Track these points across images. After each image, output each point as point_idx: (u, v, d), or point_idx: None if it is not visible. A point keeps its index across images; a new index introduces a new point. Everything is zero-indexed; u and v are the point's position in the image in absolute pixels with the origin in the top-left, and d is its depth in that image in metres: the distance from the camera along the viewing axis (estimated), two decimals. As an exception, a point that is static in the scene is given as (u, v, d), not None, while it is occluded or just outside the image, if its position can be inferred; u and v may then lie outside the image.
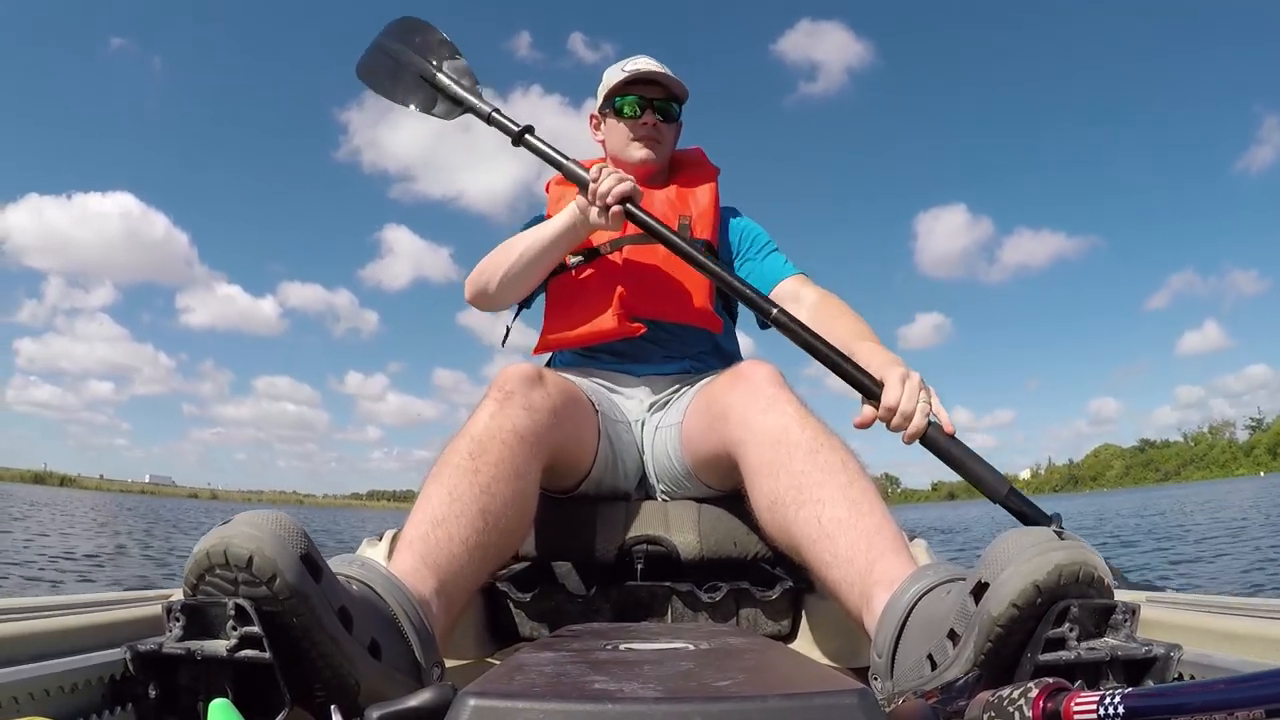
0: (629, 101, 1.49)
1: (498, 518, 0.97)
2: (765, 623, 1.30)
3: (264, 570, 0.63)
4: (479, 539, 0.94)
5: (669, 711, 0.46)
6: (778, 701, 0.47)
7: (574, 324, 1.42)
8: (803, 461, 0.96)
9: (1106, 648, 0.67)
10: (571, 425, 1.22)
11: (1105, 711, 0.49)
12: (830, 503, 0.92)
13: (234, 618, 0.65)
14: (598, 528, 1.30)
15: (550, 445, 1.12)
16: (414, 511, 0.95)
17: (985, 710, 0.57)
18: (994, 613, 0.66)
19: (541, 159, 1.44)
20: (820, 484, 0.94)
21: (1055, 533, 0.70)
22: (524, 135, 1.44)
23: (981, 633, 0.67)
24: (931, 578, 0.79)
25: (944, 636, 0.71)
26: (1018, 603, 0.66)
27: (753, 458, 1.03)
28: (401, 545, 0.91)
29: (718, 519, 1.30)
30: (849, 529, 0.89)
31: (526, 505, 1.05)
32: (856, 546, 0.87)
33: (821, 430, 1.00)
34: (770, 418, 1.03)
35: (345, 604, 0.70)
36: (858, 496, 0.92)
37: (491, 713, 0.46)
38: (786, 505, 0.96)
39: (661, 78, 1.48)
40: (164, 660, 0.68)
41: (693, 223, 1.46)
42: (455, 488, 0.96)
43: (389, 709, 0.54)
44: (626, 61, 1.52)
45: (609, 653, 0.66)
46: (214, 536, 0.66)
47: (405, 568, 0.87)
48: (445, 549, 0.90)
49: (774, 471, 0.99)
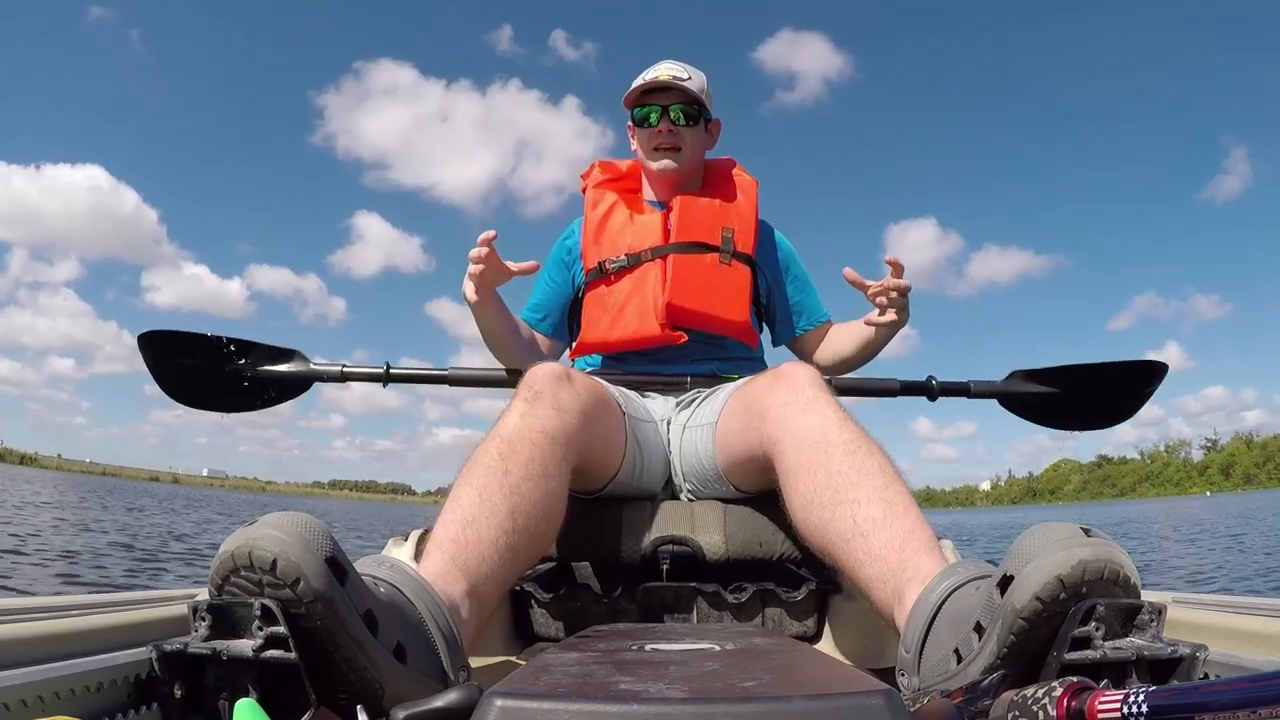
0: (644, 112, 1.50)
1: (527, 519, 0.97)
2: (790, 623, 1.30)
3: (288, 573, 0.64)
4: (509, 540, 0.94)
5: (695, 712, 0.46)
6: (804, 702, 0.47)
7: (614, 328, 1.44)
8: (840, 462, 0.96)
9: (1132, 647, 0.67)
10: (600, 426, 1.23)
11: (1129, 710, 0.48)
12: (866, 503, 0.92)
13: (260, 618, 0.66)
14: (623, 528, 1.30)
15: (579, 446, 1.12)
16: (444, 512, 0.95)
17: (1010, 709, 0.56)
18: (1017, 605, 0.66)
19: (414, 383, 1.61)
20: (856, 484, 0.94)
21: (1083, 529, 0.69)
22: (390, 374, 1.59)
23: (1005, 625, 0.67)
24: (962, 574, 0.79)
25: (970, 630, 0.71)
26: (1041, 596, 0.65)
27: (790, 457, 1.03)
28: (432, 546, 0.91)
29: (744, 520, 1.30)
30: (883, 528, 0.89)
31: (555, 506, 1.05)
32: (890, 545, 0.87)
33: (860, 433, 1.00)
34: (810, 418, 1.03)
35: (371, 607, 0.70)
36: (893, 498, 0.92)
37: (518, 713, 0.46)
38: (823, 505, 0.96)
39: (672, 83, 1.48)
40: (189, 660, 0.69)
41: (735, 236, 1.47)
42: (485, 488, 0.96)
43: (415, 709, 0.54)
44: (648, 70, 1.53)
45: (634, 653, 0.66)
46: (239, 538, 0.66)
47: (436, 570, 0.87)
48: (475, 550, 0.90)
49: (811, 471, 0.99)
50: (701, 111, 1.52)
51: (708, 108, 1.54)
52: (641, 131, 1.52)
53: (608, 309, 1.45)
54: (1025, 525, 0.75)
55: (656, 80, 1.49)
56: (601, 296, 1.47)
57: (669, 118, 1.49)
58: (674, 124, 1.49)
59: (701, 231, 1.46)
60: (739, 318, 1.44)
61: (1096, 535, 0.68)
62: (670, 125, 1.49)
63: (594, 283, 1.49)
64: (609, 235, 1.51)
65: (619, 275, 1.46)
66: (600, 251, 1.48)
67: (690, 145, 1.52)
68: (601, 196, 1.53)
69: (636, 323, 1.40)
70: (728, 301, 1.43)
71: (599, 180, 1.58)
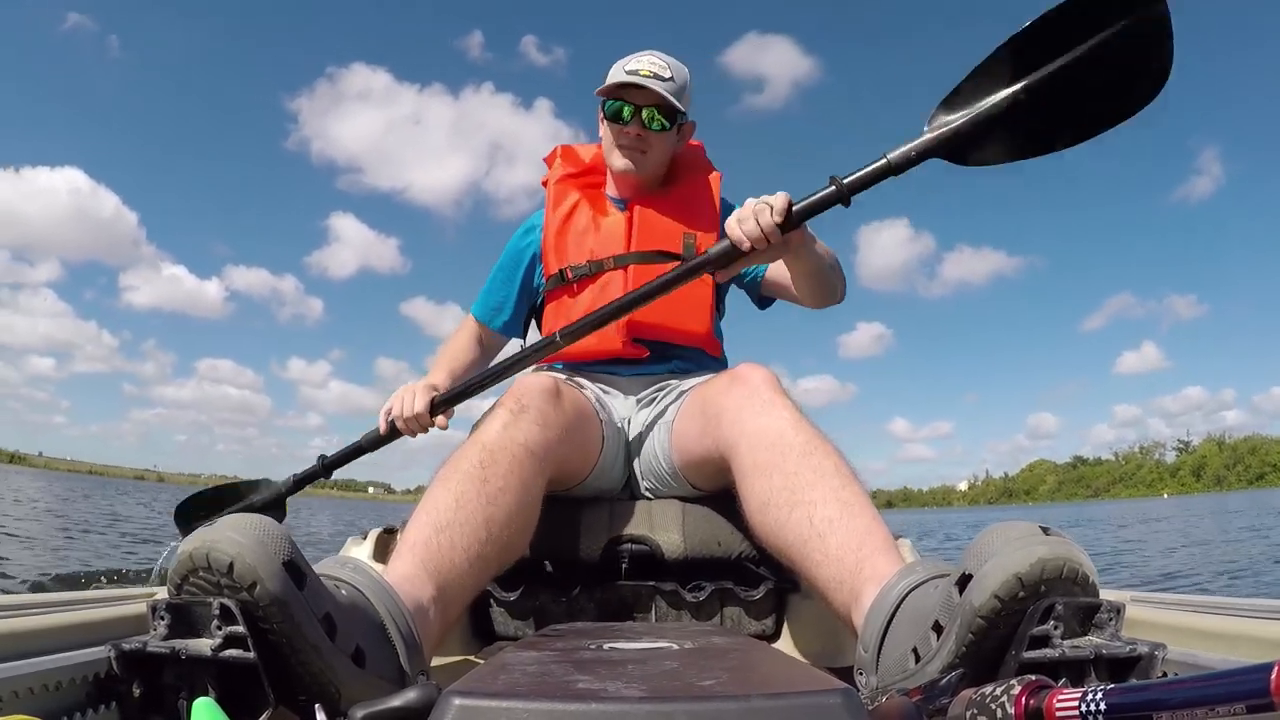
0: (616, 107, 1.42)
1: (501, 529, 0.97)
2: (749, 622, 1.30)
3: (245, 577, 0.63)
4: (480, 549, 0.93)
5: (653, 711, 0.46)
6: (762, 701, 0.47)
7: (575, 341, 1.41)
8: (796, 463, 0.97)
9: (1091, 646, 0.68)
10: (580, 438, 1.23)
11: (1087, 708, 0.49)
12: (822, 503, 0.92)
13: (219, 617, 0.65)
14: (582, 528, 1.30)
15: (557, 458, 1.13)
16: (418, 513, 0.95)
17: (968, 708, 0.57)
18: (976, 603, 0.67)
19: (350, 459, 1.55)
20: (812, 485, 0.94)
21: (1041, 528, 0.70)
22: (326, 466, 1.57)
23: (964, 624, 0.67)
24: (920, 573, 0.80)
25: (929, 629, 0.72)
26: (1000, 594, 0.66)
27: (746, 459, 1.03)
28: (403, 547, 0.91)
29: (702, 519, 1.30)
30: (840, 529, 0.89)
31: (529, 519, 1.05)
32: (847, 545, 0.88)
33: (816, 434, 1.01)
34: (766, 420, 1.03)
35: (330, 610, 0.69)
36: (849, 499, 0.92)
37: (475, 712, 0.46)
38: (779, 506, 0.96)
39: (650, 84, 1.38)
40: (148, 659, 0.68)
41: (697, 242, 1.42)
42: (462, 495, 0.96)
43: (373, 708, 0.54)
44: (630, 59, 1.44)
45: (593, 652, 0.66)
46: (197, 539, 0.65)
47: (404, 572, 0.86)
48: (447, 556, 0.90)
49: (767, 473, 0.99)
50: (676, 116, 1.44)
51: (684, 111, 1.45)
52: (611, 125, 1.44)
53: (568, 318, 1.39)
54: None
55: (636, 78, 1.40)
56: (563, 306, 1.45)
57: (640, 119, 1.41)
58: (645, 126, 1.42)
59: (663, 240, 1.43)
60: (701, 329, 1.42)
61: (1055, 534, 0.69)
62: (641, 128, 1.42)
63: (555, 291, 1.46)
64: (571, 239, 1.47)
65: (581, 285, 1.44)
66: (562, 257, 1.45)
67: (657, 149, 1.45)
68: (565, 194, 1.49)
69: (597, 336, 1.34)
70: (689, 313, 1.40)
71: (562, 174, 1.52)
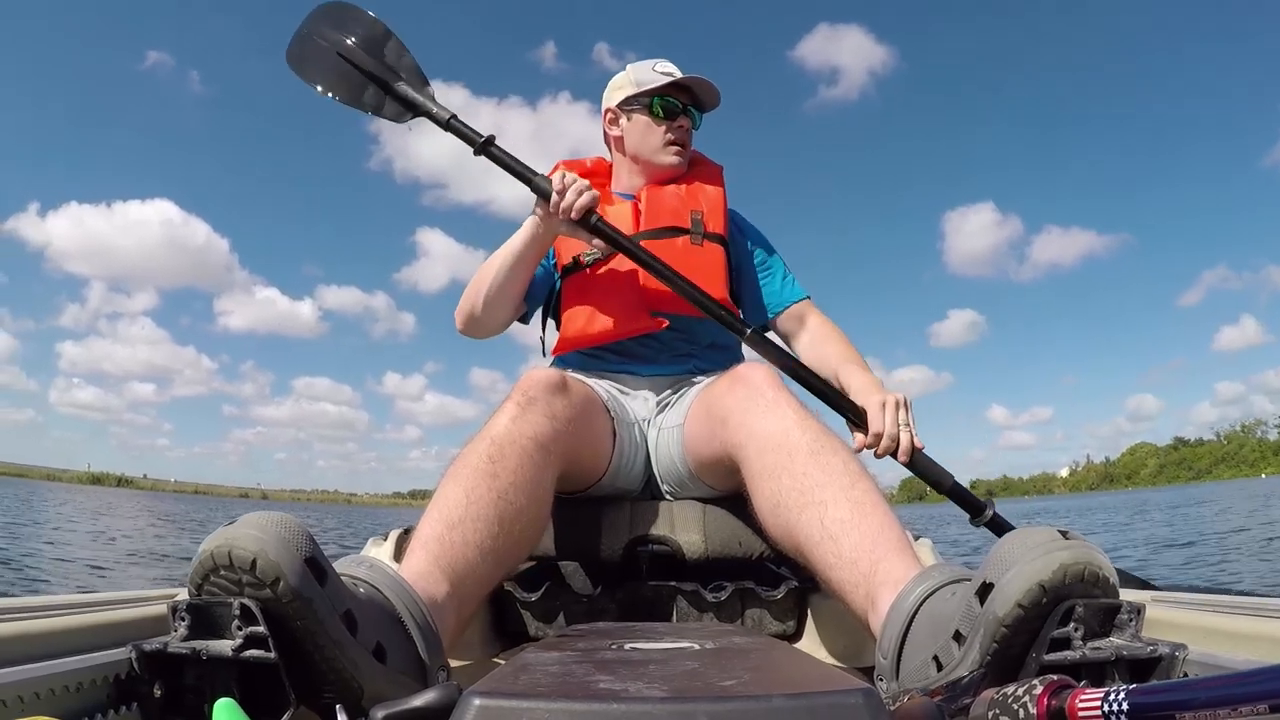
0: (674, 104, 1.50)
1: (513, 523, 0.97)
2: (770, 622, 1.30)
3: (267, 573, 0.63)
4: (493, 544, 0.94)
5: (674, 711, 0.46)
6: (783, 701, 0.47)
7: (594, 321, 1.43)
8: (804, 463, 0.96)
9: (1111, 647, 0.67)
10: (589, 433, 1.23)
11: (1110, 708, 0.48)
12: (833, 504, 0.92)
13: (239, 617, 0.65)
14: (603, 528, 1.30)
15: (567, 452, 1.12)
16: (429, 510, 0.95)
17: (990, 707, 0.57)
18: (999, 613, 0.66)
19: (504, 169, 1.40)
20: (822, 485, 0.94)
21: (1060, 532, 0.69)
22: (487, 146, 1.40)
23: (987, 634, 0.67)
24: (936, 579, 0.79)
25: (949, 638, 0.71)
26: (1023, 603, 0.65)
27: (754, 461, 1.03)
28: (415, 545, 0.91)
29: (722, 519, 1.30)
30: (852, 530, 0.89)
31: (540, 512, 1.05)
32: (860, 548, 0.87)
33: (822, 432, 1.00)
34: (770, 421, 1.03)
35: (350, 607, 0.69)
36: (860, 497, 0.92)
37: (497, 712, 0.46)
38: (789, 508, 0.96)
39: (699, 86, 1.51)
40: (169, 660, 0.68)
41: (705, 217, 1.47)
42: (473, 490, 0.96)
43: (394, 709, 0.54)
44: (656, 62, 1.54)
45: (614, 652, 0.66)
46: (219, 537, 0.66)
47: (418, 569, 0.87)
48: (460, 552, 0.90)
49: (776, 474, 0.99)
50: None
51: None
52: (658, 122, 1.50)
53: (586, 302, 1.45)
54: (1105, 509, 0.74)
55: (696, 80, 1.51)
56: (579, 290, 1.47)
57: (691, 118, 1.52)
58: (694, 126, 1.53)
59: (671, 216, 1.46)
60: (717, 294, 1.42)
61: (1074, 537, 0.69)
62: (689, 123, 1.52)
63: (570, 277, 1.48)
64: None
65: (594, 268, 1.46)
66: (574, 246, 1.47)
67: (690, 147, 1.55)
68: None
69: (616, 313, 1.39)
70: (703, 280, 1.41)
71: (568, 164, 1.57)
